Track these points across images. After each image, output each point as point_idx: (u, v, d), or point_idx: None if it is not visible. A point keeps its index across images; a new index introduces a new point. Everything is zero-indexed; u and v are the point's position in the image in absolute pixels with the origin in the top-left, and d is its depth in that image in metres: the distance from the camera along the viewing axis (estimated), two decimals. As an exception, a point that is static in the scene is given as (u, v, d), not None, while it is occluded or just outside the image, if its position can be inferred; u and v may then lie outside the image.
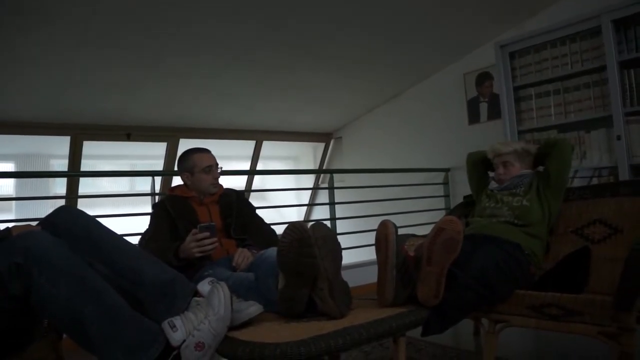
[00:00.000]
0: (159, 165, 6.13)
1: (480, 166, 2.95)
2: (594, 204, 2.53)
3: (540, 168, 2.73)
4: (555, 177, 2.54)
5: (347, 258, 2.59)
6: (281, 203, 5.98)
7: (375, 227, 1.98)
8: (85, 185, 5.70)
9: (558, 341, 2.87)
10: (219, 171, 2.66)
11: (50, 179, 5.69)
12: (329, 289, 1.73)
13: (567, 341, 2.82)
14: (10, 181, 5.33)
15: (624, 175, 3.66)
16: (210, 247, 2.25)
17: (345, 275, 1.86)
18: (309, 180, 7.57)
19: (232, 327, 1.62)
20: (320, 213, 7.14)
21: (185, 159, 2.65)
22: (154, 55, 4.29)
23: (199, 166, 2.59)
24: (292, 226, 1.75)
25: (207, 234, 2.24)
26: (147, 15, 3.69)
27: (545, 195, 2.53)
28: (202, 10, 3.76)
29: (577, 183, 2.62)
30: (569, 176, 2.60)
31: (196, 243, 2.23)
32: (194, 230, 2.26)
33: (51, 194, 5.55)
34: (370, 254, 2.55)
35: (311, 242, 1.72)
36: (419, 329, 1.90)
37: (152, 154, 6.22)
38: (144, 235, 2.51)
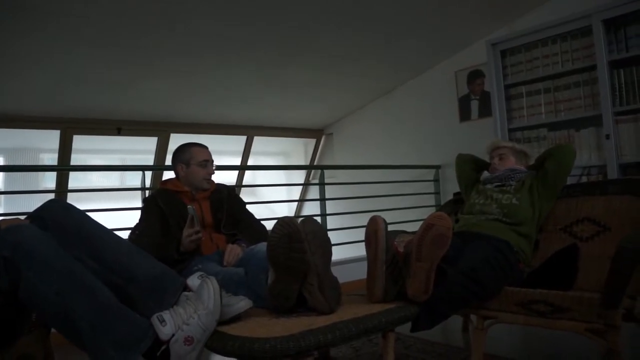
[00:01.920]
0: (149, 160, 6.11)
1: (470, 164, 2.99)
2: (582, 202, 2.54)
3: None
4: (552, 177, 2.55)
5: (337, 254, 2.59)
6: (272, 199, 5.97)
7: (366, 223, 1.98)
8: (75, 180, 5.66)
9: (546, 338, 2.89)
10: (213, 168, 2.66)
11: (40, 173, 5.65)
12: (318, 285, 1.74)
13: (555, 338, 2.85)
14: (0, 175, 5.29)
15: (613, 174, 3.69)
16: (195, 236, 2.32)
17: (335, 271, 1.87)
18: (299, 176, 7.57)
19: (222, 322, 1.62)
20: (311, 209, 7.14)
21: (182, 151, 2.66)
22: (145, 52, 4.27)
23: (196, 159, 2.60)
24: (282, 221, 1.75)
25: (191, 215, 2.31)
26: (139, 13, 3.68)
27: (538, 194, 2.55)
28: (195, 8, 3.75)
29: (566, 181, 2.64)
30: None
31: (188, 235, 2.29)
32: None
33: (41, 188, 5.51)
34: (360, 250, 2.56)
35: (301, 237, 1.72)
36: (408, 325, 1.91)
37: (143, 149, 6.19)
38: (134, 230, 2.50)
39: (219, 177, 2.75)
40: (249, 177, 6.98)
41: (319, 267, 1.75)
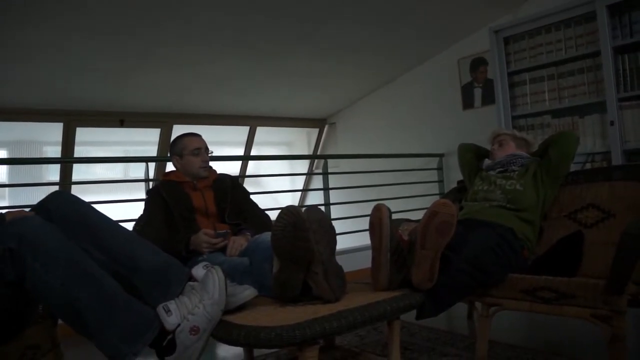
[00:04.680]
0: (152, 152, 6.11)
1: (472, 153, 2.99)
2: (587, 188, 2.53)
3: None
4: (555, 164, 2.53)
5: (342, 243, 2.60)
6: (275, 189, 5.97)
7: (369, 212, 1.98)
8: (79, 172, 5.67)
9: (551, 324, 2.90)
10: (209, 155, 2.67)
11: (44, 166, 5.66)
12: (323, 273, 1.74)
13: (560, 324, 2.85)
14: (3, 168, 5.29)
15: (617, 160, 3.68)
16: (221, 245, 2.33)
17: (339, 260, 1.87)
18: (303, 166, 7.56)
19: (227, 311, 1.62)
20: (315, 198, 7.14)
21: (175, 143, 2.68)
22: (147, 42, 4.26)
23: (188, 148, 2.61)
24: (286, 210, 1.75)
25: (221, 238, 2.33)
26: (141, 4, 3.67)
27: (543, 181, 2.54)
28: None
29: (570, 168, 2.63)
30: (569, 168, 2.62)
31: (208, 244, 2.29)
32: (207, 231, 2.32)
33: (44, 181, 5.52)
34: (364, 239, 2.56)
35: (306, 226, 1.72)
36: (413, 313, 1.91)
37: (146, 140, 6.20)
38: (138, 221, 2.51)
39: (222, 168, 2.74)
40: (252, 167, 6.98)
41: (323, 256, 1.75)
